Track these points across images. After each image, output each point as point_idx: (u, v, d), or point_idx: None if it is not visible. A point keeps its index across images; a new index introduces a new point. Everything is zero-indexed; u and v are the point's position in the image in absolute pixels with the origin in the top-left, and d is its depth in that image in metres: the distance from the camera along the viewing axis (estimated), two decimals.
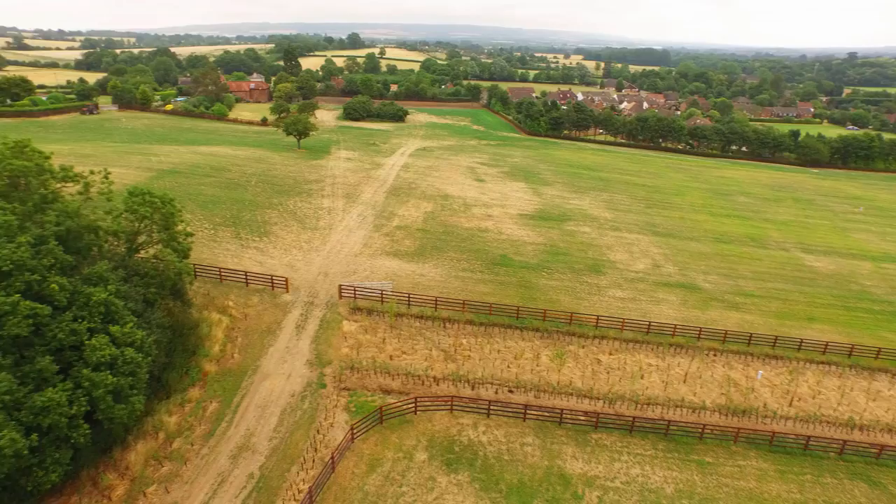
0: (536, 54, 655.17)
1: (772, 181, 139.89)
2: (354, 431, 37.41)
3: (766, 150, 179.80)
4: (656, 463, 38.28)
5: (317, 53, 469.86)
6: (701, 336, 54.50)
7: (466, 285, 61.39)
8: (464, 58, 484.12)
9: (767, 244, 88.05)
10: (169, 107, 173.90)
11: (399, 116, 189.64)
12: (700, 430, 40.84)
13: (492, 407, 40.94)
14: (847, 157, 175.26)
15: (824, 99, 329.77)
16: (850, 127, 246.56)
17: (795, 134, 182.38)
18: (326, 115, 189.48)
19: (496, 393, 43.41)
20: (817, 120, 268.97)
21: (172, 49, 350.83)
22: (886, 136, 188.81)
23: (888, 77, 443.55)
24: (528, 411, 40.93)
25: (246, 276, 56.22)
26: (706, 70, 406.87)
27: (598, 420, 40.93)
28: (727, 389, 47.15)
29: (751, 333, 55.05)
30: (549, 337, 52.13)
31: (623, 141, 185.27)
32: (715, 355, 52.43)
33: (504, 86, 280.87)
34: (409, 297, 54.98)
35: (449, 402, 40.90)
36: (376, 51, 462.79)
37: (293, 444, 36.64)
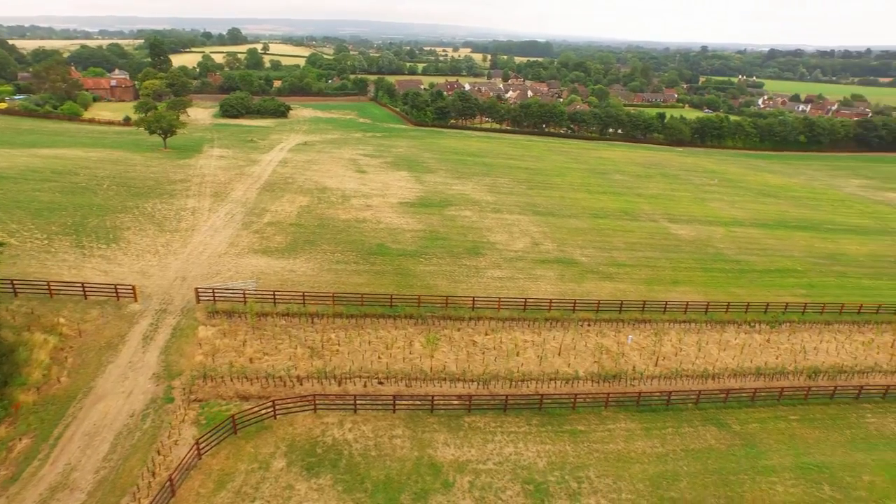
0: (425, 48, 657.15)
1: (643, 160, 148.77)
2: (201, 446, 33.16)
3: (638, 131, 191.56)
4: (530, 439, 37.57)
5: (193, 50, 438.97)
6: (576, 308, 55.27)
7: (340, 277, 58.12)
8: (352, 52, 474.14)
9: (639, 217, 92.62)
10: (2, 105, 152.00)
11: (281, 112, 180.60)
12: (572, 400, 40.79)
13: (359, 401, 38.27)
14: (704, 136, 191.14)
15: (685, 86, 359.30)
16: (706, 110, 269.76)
17: (662, 117, 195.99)
18: (202, 113, 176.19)
19: (365, 386, 40.77)
20: (680, 104, 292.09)
21: (13, 42, 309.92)
22: (732, 117, 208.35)
23: (731, 68, 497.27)
24: (398, 402, 38.71)
25: (83, 287, 49.15)
26: (585, 60, 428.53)
27: (472, 402, 39.60)
28: (599, 357, 47.87)
29: (622, 301, 56.70)
30: (423, 323, 50.30)
31: (508, 128, 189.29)
32: (589, 325, 53.31)
33: (392, 79, 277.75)
34: (274, 294, 50.83)
35: (312, 402, 37.67)
36: (259, 46, 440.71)
37: (126, 471, 31.76)
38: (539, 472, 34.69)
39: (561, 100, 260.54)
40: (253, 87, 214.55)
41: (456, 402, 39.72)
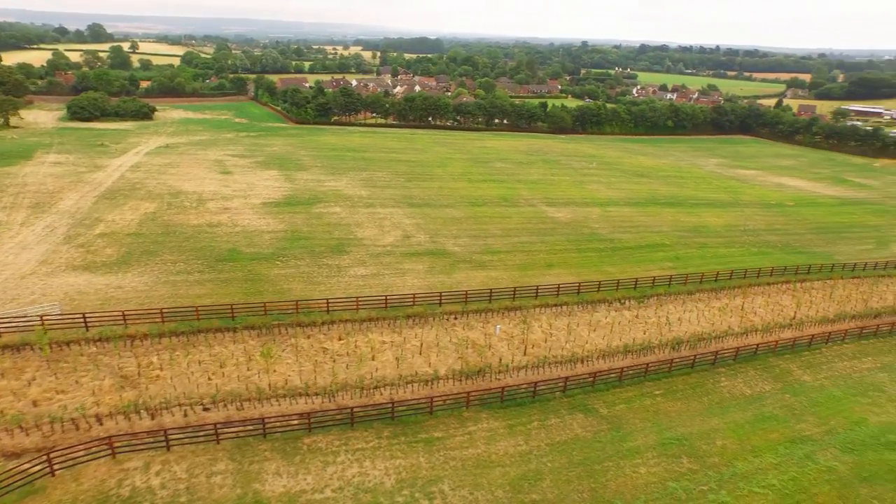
0: (314, 46, 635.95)
1: (527, 147, 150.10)
2: None
3: (522, 121, 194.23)
4: (378, 454, 32.93)
5: (42, 46, 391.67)
6: (442, 301, 51.52)
7: (178, 290, 50.30)
8: (235, 51, 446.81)
9: (518, 202, 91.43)
10: None
11: (145, 114, 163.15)
12: (429, 404, 36.69)
13: (172, 436, 31.67)
14: (585, 123, 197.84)
15: (568, 78, 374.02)
16: (587, 99, 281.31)
17: (545, 106, 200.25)
18: (45, 116, 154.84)
19: (186, 416, 34.12)
20: (563, 95, 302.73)
21: None
22: (610, 105, 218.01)
23: (609, 61, 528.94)
24: (222, 430, 32.55)
25: None
26: (473, 55, 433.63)
27: (313, 420, 34.30)
28: (464, 352, 44.31)
29: (491, 289, 53.74)
30: (268, 333, 44.16)
31: (394, 122, 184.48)
32: (456, 318, 49.72)
33: (275, 77, 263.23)
34: (85, 317, 42.33)
35: (109, 444, 30.55)
36: (126, 44, 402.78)
37: None
38: (386, 493, 30.13)
39: (449, 93, 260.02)
40: (113, 88, 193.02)
41: (295, 422, 34.21)
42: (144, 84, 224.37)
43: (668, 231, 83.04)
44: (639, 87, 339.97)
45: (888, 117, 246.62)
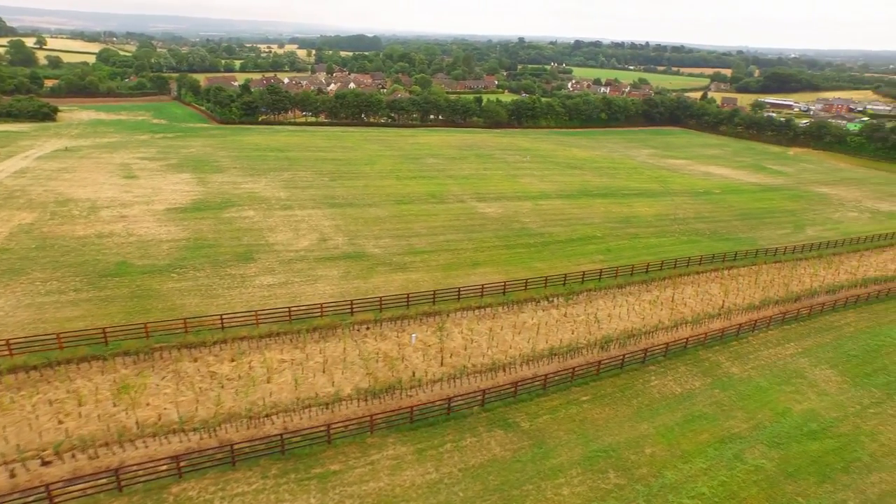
0: (247, 45, 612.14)
1: (461, 142, 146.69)
2: None
3: (457, 116, 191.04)
4: (262, 499, 27.93)
5: None
6: (354, 310, 46.74)
7: (43, 314, 43.20)
8: (159, 49, 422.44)
9: (447, 199, 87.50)
10: None
11: (45, 114, 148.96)
12: (327, 432, 31.93)
13: None
14: (520, 117, 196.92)
15: (504, 73, 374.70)
16: (523, 94, 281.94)
17: (479, 101, 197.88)
18: None
19: (13, 476, 27.88)
20: (500, 90, 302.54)
21: None
22: (544, 99, 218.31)
23: (545, 56, 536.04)
24: (60, 490, 26.63)
25: None
26: (410, 51, 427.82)
27: (185, 463, 28.89)
28: (374, 367, 39.74)
29: (408, 294, 49.36)
30: (147, 359, 38.08)
31: (326, 120, 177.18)
32: (368, 328, 45.05)
33: (202, 76, 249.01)
34: None
35: None
36: (31, 40, 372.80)
37: None
38: None
39: (384, 90, 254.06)
40: (6, 86, 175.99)
41: (164, 468, 28.70)
42: (50, 83, 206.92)
43: (599, 223, 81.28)
44: (573, 81, 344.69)
45: (797, 109, 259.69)
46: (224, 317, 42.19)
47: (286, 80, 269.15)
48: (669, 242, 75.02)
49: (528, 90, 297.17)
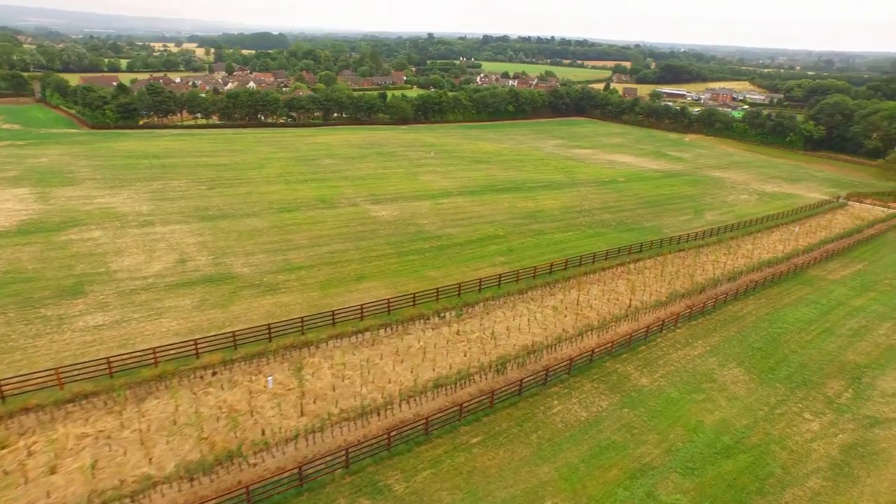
0: (139, 43, 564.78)
1: (363, 140, 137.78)
2: None
3: (362, 113, 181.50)
4: None
5: None
6: (199, 350, 37.57)
7: None
8: (27, 45, 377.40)
9: (338, 203, 78.85)
10: None
11: None
12: None
13: None
14: (427, 112, 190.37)
15: (413, 69, 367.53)
16: (433, 89, 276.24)
17: (384, 97, 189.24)
18: None
19: None
20: (409, 85, 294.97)
21: None
22: (451, 93, 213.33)
23: (455, 51, 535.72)
24: None
25: None
26: (315, 48, 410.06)
27: None
28: (212, 428, 31.04)
29: (269, 325, 40.74)
30: None
31: (219, 122, 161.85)
32: (215, 374, 36.15)
33: (76, 76, 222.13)
34: None
35: None
36: None
37: None
38: None
39: (286, 88, 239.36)
40: None
41: None
42: None
43: (503, 220, 75.91)
44: (482, 75, 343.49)
45: (690, 98, 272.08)
46: (3, 383, 31.70)
47: (177, 80, 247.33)
48: (575, 237, 70.86)
49: (436, 85, 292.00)
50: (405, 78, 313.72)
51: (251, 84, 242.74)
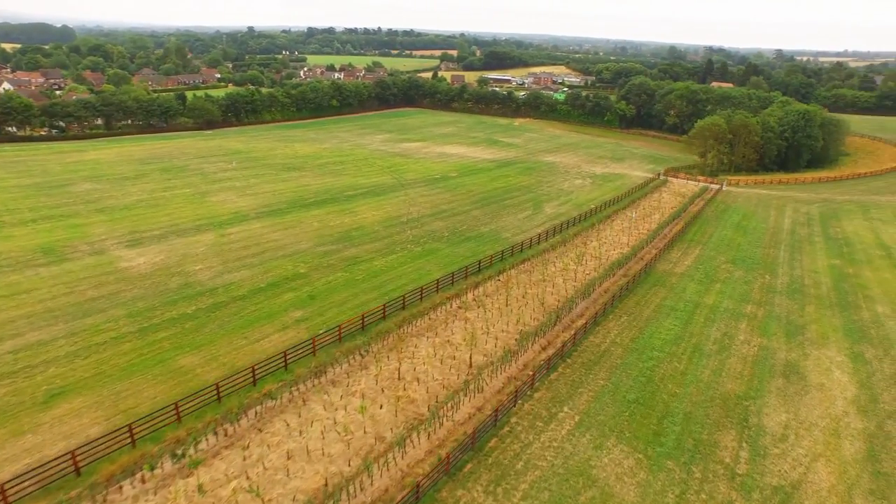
0: None
1: (149, 153, 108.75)
2: None
3: (156, 119, 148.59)
4: None
5: None
6: None
7: None
8: None
9: (71, 253, 54.23)
10: None
11: None
12: None
13: None
14: (238, 113, 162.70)
15: (230, 65, 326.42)
16: (251, 86, 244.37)
17: (183, 98, 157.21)
18: None
19: None
20: (223, 83, 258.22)
21: None
22: (265, 90, 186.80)
23: (278, 46, 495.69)
24: None
25: None
26: (104, 43, 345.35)
27: None
28: None
29: None
30: None
31: None
32: None
33: None
34: None
35: None
36: None
37: None
38: None
39: (59, 91, 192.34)
40: None
41: None
42: None
43: (308, 248, 57.87)
44: (306, 69, 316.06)
45: (514, 83, 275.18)
46: None
47: None
48: (400, 261, 55.39)
49: (255, 82, 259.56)
50: (219, 75, 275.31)
51: (5, 86, 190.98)
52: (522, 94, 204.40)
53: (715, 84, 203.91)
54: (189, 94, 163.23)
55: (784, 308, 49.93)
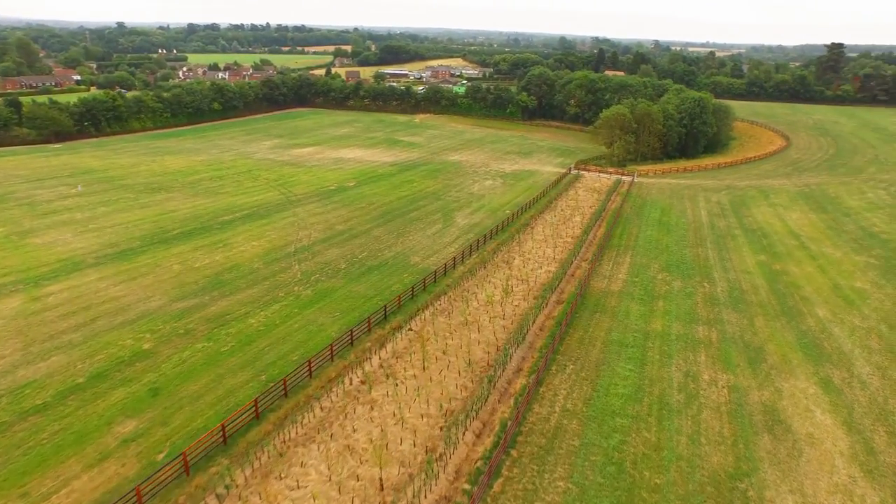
0: None
1: None
2: None
3: None
4: None
5: None
6: None
7: None
8: None
9: None
10: None
11: None
12: None
13: None
14: (98, 122, 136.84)
15: (94, 65, 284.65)
16: (120, 89, 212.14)
17: (18, 106, 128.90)
18: None
19: None
20: (83, 86, 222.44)
21: None
22: (130, 94, 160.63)
23: (154, 44, 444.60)
24: None
25: None
26: None
27: None
28: None
29: None
30: None
31: None
32: None
33: None
34: None
35: None
36: None
37: None
38: None
39: None
40: None
41: None
42: None
43: (160, 305, 43.08)
44: (186, 68, 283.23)
45: (412, 77, 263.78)
46: None
47: None
48: (283, 316, 42.27)
49: (124, 84, 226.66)
50: (78, 77, 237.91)
51: None
52: (421, 88, 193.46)
53: (609, 72, 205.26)
54: (27, 100, 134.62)
55: (735, 325, 43.35)
